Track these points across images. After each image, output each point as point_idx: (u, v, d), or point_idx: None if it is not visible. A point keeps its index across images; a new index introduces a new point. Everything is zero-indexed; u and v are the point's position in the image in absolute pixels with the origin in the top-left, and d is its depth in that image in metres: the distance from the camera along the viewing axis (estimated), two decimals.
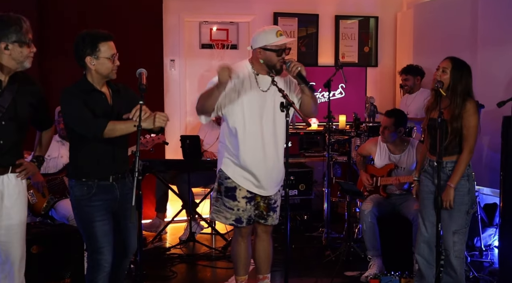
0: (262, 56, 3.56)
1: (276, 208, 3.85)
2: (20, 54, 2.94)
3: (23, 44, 2.94)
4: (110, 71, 3.18)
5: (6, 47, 2.91)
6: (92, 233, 3.14)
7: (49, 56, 6.04)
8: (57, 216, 4.59)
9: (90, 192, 3.13)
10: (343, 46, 7.10)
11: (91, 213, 3.13)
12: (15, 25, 2.92)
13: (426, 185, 3.78)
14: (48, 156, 4.75)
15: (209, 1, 6.67)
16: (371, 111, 6.36)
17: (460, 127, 3.57)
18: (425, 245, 3.76)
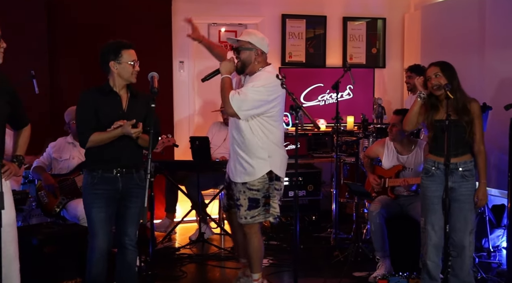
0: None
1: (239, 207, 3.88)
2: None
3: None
4: (130, 75, 3.45)
5: None
6: (90, 217, 3.45)
7: (58, 58, 6.11)
8: (68, 216, 4.65)
9: (93, 182, 3.43)
10: (351, 48, 7.13)
11: (91, 200, 3.44)
12: None
13: (434, 190, 3.76)
14: (60, 157, 4.82)
15: (218, 3, 6.72)
16: (378, 112, 6.40)
17: (471, 120, 3.64)
18: (435, 250, 3.78)
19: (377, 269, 4.56)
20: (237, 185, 3.84)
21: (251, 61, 3.79)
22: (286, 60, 6.95)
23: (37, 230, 4.24)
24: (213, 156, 5.85)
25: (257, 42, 3.79)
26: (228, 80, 3.74)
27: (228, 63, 3.78)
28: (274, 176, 3.82)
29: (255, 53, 3.79)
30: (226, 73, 3.75)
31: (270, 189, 3.82)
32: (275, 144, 3.83)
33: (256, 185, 3.79)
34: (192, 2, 6.64)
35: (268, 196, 3.83)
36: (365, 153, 5.14)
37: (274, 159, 3.82)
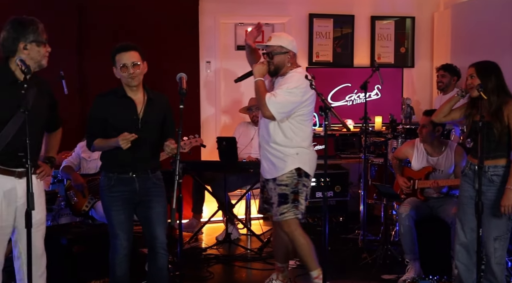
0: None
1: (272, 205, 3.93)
2: (38, 53, 3.07)
3: (40, 43, 3.06)
4: (126, 79, 3.43)
5: (25, 47, 3.03)
6: (109, 220, 3.50)
7: (87, 58, 6.16)
8: (97, 216, 4.68)
9: (109, 184, 3.46)
10: (379, 47, 7.05)
11: (109, 202, 3.47)
12: (32, 26, 3.05)
13: (466, 190, 3.74)
14: (89, 157, 4.86)
15: (245, 3, 6.71)
16: (407, 112, 6.32)
17: (506, 125, 3.54)
18: (464, 251, 3.73)
19: (406, 272, 4.50)
20: (269, 183, 3.92)
21: (285, 64, 3.86)
22: (313, 60, 6.90)
23: (66, 229, 4.27)
24: (240, 156, 5.84)
25: (288, 45, 3.86)
26: (262, 83, 3.80)
27: (261, 66, 3.84)
28: (302, 173, 3.85)
29: (288, 56, 3.86)
30: (259, 76, 3.81)
31: (298, 185, 3.85)
32: (303, 142, 3.88)
33: (284, 180, 3.83)
34: (219, 2, 6.65)
35: (297, 192, 3.85)
36: (394, 154, 5.07)
37: (302, 156, 3.86)
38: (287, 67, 3.87)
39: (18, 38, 3.01)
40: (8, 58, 3.06)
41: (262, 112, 3.78)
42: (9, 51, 3.04)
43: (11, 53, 3.04)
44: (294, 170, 3.83)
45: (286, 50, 3.85)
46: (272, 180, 3.90)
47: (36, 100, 3.06)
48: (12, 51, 3.03)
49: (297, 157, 3.84)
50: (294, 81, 3.75)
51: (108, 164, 3.52)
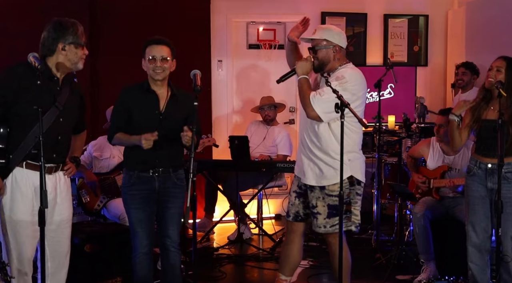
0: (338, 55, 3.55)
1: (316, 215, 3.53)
2: (75, 55, 3.08)
3: (78, 45, 3.08)
4: (151, 71, 3.43)
5: (63, 48, 3.05)
6: (129, 218, 3.47)
7: (98, 57, 6.15)
8: (108, 215, 4.66)
9: (130, 182, 3.42)
10: (392, 45, 6.98)
11: (129, 200, 3.44)
12: (72, 28, 3.07)
13: (476, 190, 3.67)
14: (101, 156, 4.83)
15: (257, 1, 6.67)
16: (421, 111, 6.25)
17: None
18: (477, 252, 3.69)
19: (421, 272, 4.44)
20: (314, 190, 3.50)
21: (330, 59, 3.51)
22: None
23: (78, 229, 4.24)
24: (252, 155, 5.80)
25: (333, 38, 3.51)
26: (306, 81, 3.46)
27: (305, 63, 3.48)
28: (355, 181, 3.47)
29: (333, 50, 3.51)
30: (303, 73, 3.46)
31: (351, 195, 3.47)
32: (356, 146, 3.52)
33: (336, 191, 3.39)
34: (231, 0, 6.61)
35: (349, 203, 3.47)
36: (409, 153, 5.01)
37: (355, 162, 3.47)
38: (333, 62, 3.52)
39: (57, 39, 3.04)
40: (46, 57, 3.07)
41: (307, 113, 3.39)
42: (48, 50, 3.05)
43: (50, 53, 3.05)
44: (346, 178, 3.42)
45: (331, 44, 3.49)
46: (319, 188, 3.48)
47: (68, 99, 3.10)
48: (51, 50, 3.05)
49: (350, 164, 3.41)
50: (346, 76, 3.39)
51: (129, 161, 3.49)
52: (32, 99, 2.84)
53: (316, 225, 3.52)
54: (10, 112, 2.96)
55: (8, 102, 2.94)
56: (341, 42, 3.54)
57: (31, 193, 2.99)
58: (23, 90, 2.92)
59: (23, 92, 2.92)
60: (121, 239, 4.20)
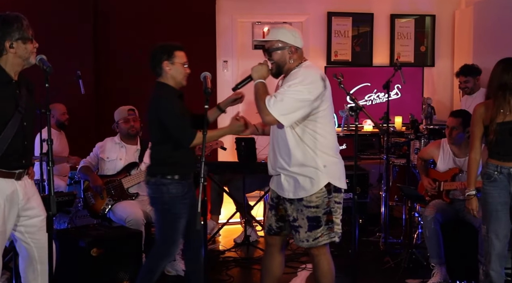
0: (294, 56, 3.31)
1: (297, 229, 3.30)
2: (25, 50, 2.95)
3: (26, 40, 2.96)
4: (183, 77, 3.44)
5: (11, 46, 2.93)
6: (176, 227, 3.39)
7: (103, 58, 6.11)
8: (114, 218, 4.60)
9: (184, 190, 3.38)
10: (398, 46, 6.92)
11: (182, 209, 3.38)
12: (16, 23, 2.94)
13: (497, 196, 3.57)
14: (107, 158, 4.78)
15: (262, 1, 6.62)
16: (428, 112, 6.18)
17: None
18: (498, 259, 3.59)
19: (432, 276, 4.37)
20: (293, 203, 3.28)
21: (286, 61, 3.26)
22: (332, 59, 6.79)
23: (84, 232, 4.19)
24: (259, 157, 5.73)
25: (288, 38, 3.24)
26: (263, 85, 3.21)
27: (260, 67, 3.28)
28: (332, 188, 3.24)
29: (289, 51, 3.25)
30: (259, 78, 3.23)
31: (330, 204, 3.24)
32: (329, 151, 3.26)
33: (314, 201, 3.21)
34: (236, 0, 6.56)
35: (330, 212, 3.25)
36: (418, 155, 4.95)
37: (331, 168, 3.24)
38: (289, 64, 3.25)
39: (3, 37, 2.91)
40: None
41: (263, 118, 3.13)
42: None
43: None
44: (324, 187, 3.22)
45: (285, 44, 3.23)
46: (297, 200, 3.26)
47: (27, 100, 3.00)
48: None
49: (326, 170, 3.20)
50: (299, 76, 3.14)
51: (182, 168, 3.40)
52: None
53: (298, 240, 3.30)
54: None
55: None
56: (297, 42, 3.27)
57: (3, 203, 2.91)
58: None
59: None
60: (128, 243, 4.15)
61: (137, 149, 4.84)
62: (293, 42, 3.26)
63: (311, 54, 6.73)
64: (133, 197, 4.68)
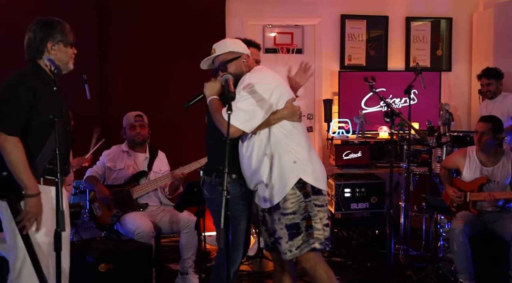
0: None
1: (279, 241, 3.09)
2: (66, 54, 2.92)
3: (67, 44, 2.91)
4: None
5: (53, 47, 2.86)
6: (237, 230, 3.24)
7: (109, 61, 5.91)
8: (122, 230, 4.35)
9: (241, 190, 3.22)
10: (414, 50, 6.69)
11: (242, 210, 3.25)
12: (59, 26, 2.90)
13: None
14: (114, 166, 4.54)
15: (273, 3, 6.40)
16: (446, 118, 5.97)
17: None
18: None
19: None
20: (271, 213, 3.08)
21: (242, 70, 3.16)
22: (345, 63, 6.55)
23: (91, 246, 3.92)
24: None
25: (238, 48, 3.20)
26: (216, 100, 3.07)
27: (212, 84, 3.14)
28: (310, 190, 3.02)
29: (242, 60, 3.17)
30: (211, 95, 3.10)
31: (308, 207, 3.01)
32: (300, 148, 3.05)
33: (289, 208, 3.00)
34: (246, 2, 6.35)
35: (308, 217, 3.02)
36: (442, 163, 4.71)
37: (303, 164, 3.02)
38: (246, 72, 3.16)
39: (45, 38, 2.84)
40: (35, 60, 2.85)
41: (225, 132, 2.81)
42: (37, 52, 2.84)
43: (38, 55, 2.84)
44: (297, 189, 2.99)
45: (238, 54, 3.16)
46: (274, 208, 3.04)
47: (65, 104, 2.90)
48: (39, 52, 2.84)
49: (296, 166, 3.00)
50: (246, 79, 3.03)
51: (238, 167, 3.16)
52: (45, 109, 2.66)
53: (282, 252, 3.08)
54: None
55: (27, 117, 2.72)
56: (245, 50, 3.22)
57: (51, 212, 2.71)
58: (38, 101, 2.71)
59: (38, 103, 2.71)
60: (138, 258, 3.89)
61: (146, 157, 4.60)
62: (242, 50, 3.20)
63: (324, 58, 6.52)
64: (142, 208, 4.43)
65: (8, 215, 2.74)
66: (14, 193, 2.67)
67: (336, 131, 6.18)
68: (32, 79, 2.77)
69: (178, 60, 5.98)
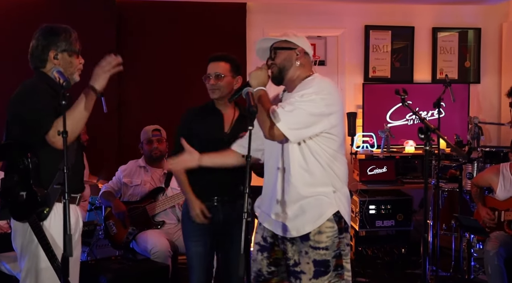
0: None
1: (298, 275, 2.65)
2: (70, 64, 2.73)
3: (72, 53, 2.72)
4: (208, 91, 3.27)
5: (56, 56, 2.67)
6: (187, 251, 3.24)
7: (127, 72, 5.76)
8: (138, 248, 4.19)
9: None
10: (441, 61, 6.46)
11: (187, 231, 3.21)
12: (64, 33, 2.70)
13: None
14: (131, 182, 4.39)
15: (295, 14, 6.23)
16: (475, 133, 5.72)
17: None
18: None
19: None
20: (295, 243, 2.65)
21: (292, 63, 2.73)
22: (370, 75, 6.35)
23: (105, 266, 3.76)
24: None
25: (296, 40, 2.76)
26: (264, 92, 2.70)
27: (259, 72, 2.73)
28: (343, 225, 2.66)
29: (296, 53, 2.73)
30: (258, 85, 2.70)
31: (341, 245, 2.66)
32: (339, 177, 2.69)
33: (323, 241, 2.60)
34: (267, 13, 6.19)
35: (340, 255, 2.66)
36: (473, 181, 4.48)
37: (341, 197, 2.66)
38: (295, 69, 2.73)
39: (48, 46, 2.66)
40: (39, 69, 2.70)
41: (265, 132, 2.60)
42: (39, 61, 2.67)
43: (41, 64, 2.67)
44: (336, 223, 2.62)
45: (294, 45, 2.74)
46: (300, 239, 2.63)
47: None
48: (42, 60, 2.67)
49: (334, 196, 2.64)
50: (315, 85, 2.62)
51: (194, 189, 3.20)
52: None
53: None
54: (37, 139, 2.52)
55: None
56: (306, 46, 2.78)
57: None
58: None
59: None
60: (154, 279, 3.72)
61: (164, 173, 4.44)
62: (301, 44, 2.76)
63: (347, 70, 6.34)
64: (158, 226, 4.27)
65: (27, 238, 2.58)
66: (35, 213, 2.52)
67: (360, 145, 5.98)
68: (45, 86, 2.62)
69: (198, 72, 5.82)
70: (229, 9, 6.04)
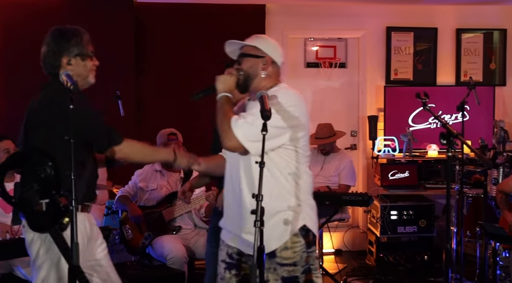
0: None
1: None
2: (84, 68, 2.65)
3: (85, 57, 2.65)
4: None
5: (69, 62, 2.60)
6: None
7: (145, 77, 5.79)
8: (154, 254, 4.14)
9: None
10: (465, 63, 6.31)
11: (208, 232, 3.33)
12: (75, 38, 2.63)
13: None
14: (147, 187, 4.36)
15: (315, 15, 6.14)
16: (501, 137, 5.60)
17: None
18: None
19: None
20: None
21: (257, 72, 2.65)
22: (391, 77, 6.23)
23: (120, 271, 3.67)
24: None
25: (266, 48, 2.66)
26: (227, 100, 2.61)
27: (228, 77, 2.66)
28: (311, 238, 2.56)
29: (263, 62, 2.65)
30: (224, 90, 2.62)
31: (310, 259, 2.57)
32: (304, 189, 2.60)
33: (290, 258, 2.52)
34: (287, 15, 6.11)
35: (309, 270, 2.56)
36: (499, 187, 4.34)
37: (307, 208, 2.59)
38: (261, 78, 2.65)
39: (60, 53, 2.60)
40: (56, 75, 2.61)
41: (224, 142, 2.51)
42: (52, 67, 2.61)
43: (54, 70, 2.60)
44: (301, 236, 2.53)
45: (262, 53, 2.65)
46: (268, 256, 2.50)
47: None
48: (55, 67, 2.60)
49: (299, 209, 2.55)
50: (279, 96, 2.57)
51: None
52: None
53: None
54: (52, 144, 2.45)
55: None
56: (275, 55, 2.68)
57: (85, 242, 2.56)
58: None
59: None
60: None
61: (180, 177, 4.39)
62: (270, 53, 2.67)
63: (369, 73, 6.23)
64: (175, 231, 4.21)
65: (45, 246, 2.51)
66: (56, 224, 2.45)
67: (382, 150, 5.85)
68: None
69: (216, 75, 5.79)
70: (248, 11, 5.99)
